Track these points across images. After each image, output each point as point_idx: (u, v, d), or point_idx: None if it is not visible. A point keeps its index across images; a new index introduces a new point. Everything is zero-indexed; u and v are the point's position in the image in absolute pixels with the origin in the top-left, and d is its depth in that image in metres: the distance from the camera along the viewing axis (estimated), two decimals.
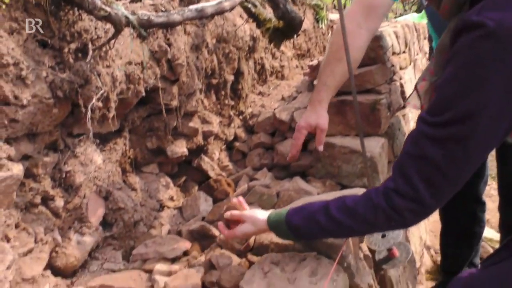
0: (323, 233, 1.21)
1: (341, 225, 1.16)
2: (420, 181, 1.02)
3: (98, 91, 1.28)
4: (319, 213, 1.20)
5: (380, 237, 1.57)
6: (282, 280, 1.29)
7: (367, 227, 1.14)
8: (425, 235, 3.23)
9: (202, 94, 2.20)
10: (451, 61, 0.95)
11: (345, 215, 1.15)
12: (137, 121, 1.85)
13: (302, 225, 1.23)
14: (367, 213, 1.10)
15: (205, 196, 2.10)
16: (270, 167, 2.44)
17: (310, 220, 1.22)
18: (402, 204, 1.04)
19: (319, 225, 1.19)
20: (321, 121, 1.56)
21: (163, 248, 1.62)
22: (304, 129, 1.57)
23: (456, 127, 0.94)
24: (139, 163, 1.97)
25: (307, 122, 1.58)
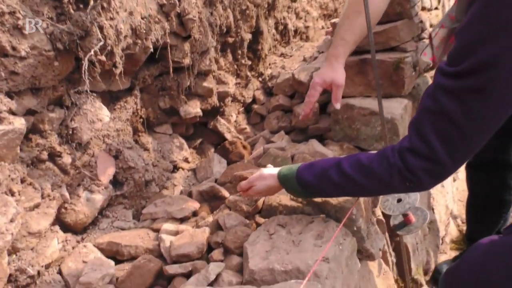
0: (334, 190, 1.15)
1: (353, 183, 1.09)
2: (436, 138, 0.93)
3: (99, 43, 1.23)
4: (331, 169, 1.13)
5: (395, 202, 1.49)
6: (287, 242, 1.24)
7: (380, 187, 1.07)
8: (452, 204, 3.11)
9: (218, 53, 2.12)
10: (474, 4, 0.84)
11: (358, 172, 1.08)
12: (149, 79, 1.81)
13: (313, 180, 1.17)
14: (382, 172, 1.03)
15: (219, 158, 2.06)
16: (288, 130, 2.37)
17: (322, 176, 1.16)
18: (416, 164, 0.96)
19: (331, 182, 1.13)
20: (337, 77, 1.46)
21: (171, 208, 1.61)
22: (318, 86, 1.48)
23: (475, 78, 0.84)
24: (152, 123, 1.94)
25: (322, 79, 1.48)
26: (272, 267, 1.14)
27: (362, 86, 2.04)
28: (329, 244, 1.11)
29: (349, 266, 1.23)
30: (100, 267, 1.34)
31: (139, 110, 1.82)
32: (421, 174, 0.98)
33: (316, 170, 1.19)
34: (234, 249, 1.33)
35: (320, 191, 1.19)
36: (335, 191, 1.16)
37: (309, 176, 1.19)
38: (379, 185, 1.06)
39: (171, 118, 2.00)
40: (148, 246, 1.45)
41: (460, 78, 0.87)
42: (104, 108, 1.54)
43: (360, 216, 1.34)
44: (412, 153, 0.97)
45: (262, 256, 1.21)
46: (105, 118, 1.54)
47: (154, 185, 1.83)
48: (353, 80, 2.06)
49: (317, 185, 1.17)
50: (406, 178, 1.01)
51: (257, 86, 2.60)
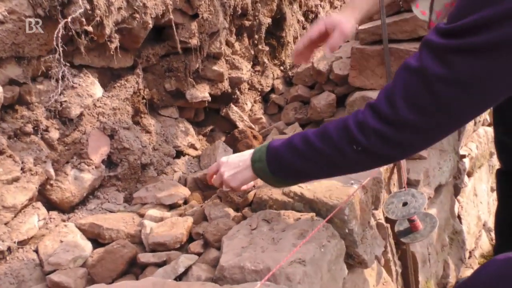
0: (301, 162, 1.01)
1: (315, 151, 0.96)
2: (403, 101, 0.81)
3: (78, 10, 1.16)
4: (296, 137, 1.01)
5: (400, 205, 1.34)
6: (266, 239, 1.13)
7: (334, 153, 0.93)
8: (486, 215, 2.85)
9: (232, 37, 2.02)
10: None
11: (318, 136, 0.96)
12: (153, 59, 1.74)
13: (280, 151, 1.04)
14: (334, 132, 0.90)
15: (225, 146, 1.96)
16: (304, 122, 2.24)
17: (288, 145, 1.03)
18: (371, 123, 0.84)
19: (296, 151, 1.00)
20: (345, 24, 1.25)
21: (161, 193, 1.53)
22: (321, 25, 1.27)
23: (473, 37, 0.70)
24: (156, 105, 1.87)
25: (330, 19, 1.27)
26: (242, 265, 1.03)
27: (383, 78, 1.87)
28: (301, 243, 0.98)
29: (332, 272, 1.09)
30: (74, 249, 1.29)
31: (142, 90, 1.75)
32: (373, 138, 0.85)
33: (284, 140, 1.06)
34: (213, 242, 1.23)
35: (288, 166, 1.04)
36: (302, 164, 1.01)
37: (277, 146, 1.06)
38: (332, 150, 0.93)
39: (177, 101, 1.92)
40: (130, 231, 1.38)
41: (455, 36, 0.73)
42: (96, 84, 1.48)
43: (353, 217, 1.20)
44: (372, 110, 0.85)
45: (237, 252, 1.10)
46: (97, 93, 1.48)
47: (152, 169, 1.77)
48: (374, 71, 1.90)
49: (285, 157, 1.03)
50: (354, 139, 0.88)
51: (278, 74, 2.48)
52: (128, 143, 1.61)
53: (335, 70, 2.03)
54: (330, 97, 2.03)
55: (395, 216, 1.31)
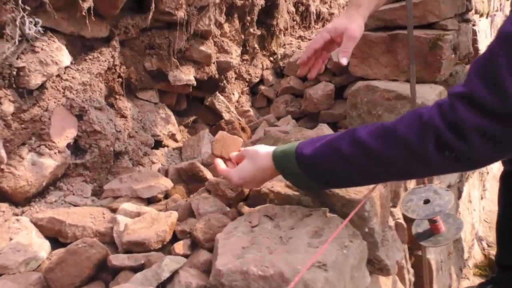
0: (344, 168, 0.82)
1: (369, 154, 0.76)
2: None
3: None
4: (342, 139, 0.81)
5: (421, 203, 1.15)
6: (272, 237, 0.91)
7: (407, 159, 0.72)
8: (478, 224, 2.73)
9: (222, 16, 1.81)
10: None
11: (377, 138, 0.75)
12: (133, 31, 1.50)
13: (317, 155, 0.84)
14: (409, 134, 0.69)
15: (211, 137, 1.74)
16: (297, 116, 2.05)
17: (328, 147, 0.83)
18: (470, 118, 0.62)
19: (339, 155, 0.80)
20: (352, 27, 1.13)
21: (138, 185, 1.29)
22: (327, 33, 1.14)
23: None
24: (134, 86, 1.63)
25: (334, 25, 1.15)
26: (246, 269, 0.81)
27: (388, 67, 1.71)
28: (327, 244, 0.77)
29: (355, 280, 0.88)
30: (27, 248, 1.03)
31: (118, 67, 1.51)
32: (475, 136, 0.64)
33: (322, 142, 0.86)
34: (203, 241, 1.00)
35: (326, 171, 0.85)
36: (345, 171, 0.82)
37: (311, 150, 0.86)
38: (405, 155, 0.72)
39: (158, 84, 1.69)
40: (99, 229, 1.13)
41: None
42: (64, 50, 1.23)
43: (374, 214, 1.00)
44: (468, 101, 0.64)
45: (236, 253, 0.87)
46: (64, 61, 1.23)
47: (126, 158, 1.52)
48: (378, 60, 1.73)
49: (321, 162, 0.84)
50: (446, 142, 0.67)
51: (267, 65, 2.28)
52: (99, 126, 1.37)
53: (334, 59, 1.85)
54: (328, 87, 1.84)
55: (416, 215, 1.12)
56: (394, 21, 1.69)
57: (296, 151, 0.88)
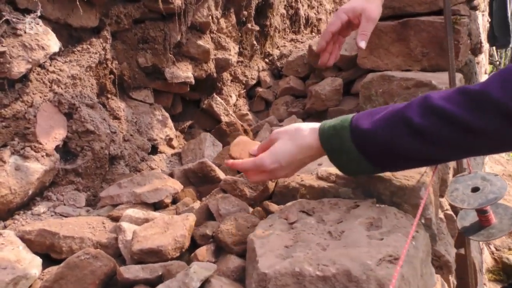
0: (416, 141, 0.66)
1: (452, 123, 0.62)
2: None
3: None
4: (409, 107, 0.67)
5: (468, 191, 1.02)
6: (319, 233, 0.76)
7: (503, 127, 0.59)
8: None
9: (218, 11, 1.68)
10: None
11: (459, 104, 0.62)
12: (125, 21, 1.35)
13: (379, 128, 0.69)
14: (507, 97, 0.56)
15: (213, 139, 1.58)
16: (302, 116, 1.91)
17: (393, 118, 0.69)
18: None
19: (409, 126, 0.66)
20: (371, 7, 1.05)
21: (142, 189, 1.12)
22: (344, 13, 1.05)
23: None
24: (127, 85, 1.46)
25: (351, 5, 1.05)
26: (299, 270, 0.65)
27: (400, 57, 1.60)
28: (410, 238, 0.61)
29: (424, 278, 0.73)
30: (15, 265, 0.84)
31: (110, 62, 1.35)
32: None
33: (383, 113, 0.71)
34: (231, 245, 0.84)
35: (389, 148, 0.70)
36: (415, 146, 0.67)
37: (370, 123, 0.72)
38: (501, 122, 0.59)
39: (153, 82, 1.53)
40: (100, 240, 0.95)
41: None
42: (51, 34, 1.06)
43: (429, 202, 0.86)
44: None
45: (280, 253, 0.72)
46: (52, 47, 1.06)
47: (122, 164, 1.34)
48: (388, 49, 1.63)
49: (384, 137, 0.69)
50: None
51: (263, 66, 2.15)
52: (92, 125, 1.19)
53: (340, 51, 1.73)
54: (336, 82, 1.72)
55: (467, 205, 0.99)
56: (402, 9, 1.60)
57: (351, 125, 0.73)
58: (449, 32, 1.05)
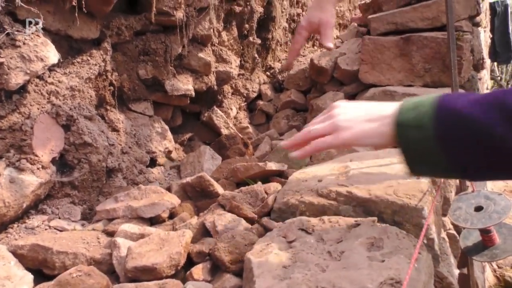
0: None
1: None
2: None
3: None
4: (510, 93, 0.50)
5: (472, 210, 1.00)
6: (318, 253, 0.74)
7: None
8: None
9: (220, 24, 1.68)
10: None
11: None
12: (126, 32, 1.34)
13: (472, 110, 0.51)
14: None
15: (212, 153, 1.56)
16: None
17: (491, 101, 0.51)
18: None
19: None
20: (325, 16, 1.08)
21: (138, 203, 1.10)
22: (304, 30, 1.10)
23: None
24: (127, 97, 1.45)
25: (308, 21, 1.10)
26: None
27: (402, 72, 1.59)
28: (414, 259, 0.59)
29: None
30: (5, 283, 0.82)
31: (110, 73, 1.34)
32: None
33: (476, 96, 0.53)
34: (228, 263, 0.82)
35: (478, 138, 0.52)
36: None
37: (461, 104, 0.53)
38: None
39: (153, 94, 1.52)
40: (94, 255, 0.93)
41: None
42: (50, 45, 1.05)
43: (432, 222, 0.84)
44: None
45: (278, 273, 0.69)
46: (51, 58, 1.05)
47: (120, 177, 1.33)
48: (390, 65, 1.62)
49: (479, 122, 0.51)
50: None
51: (264, 79, 2.15)
52: (90, 137, 1.18)
53: (342, 66, 1.73)
54: (338, 96, 1.71)
55: (470, 225, 0.96)
56: (405, 24, 1.60)
57: (438, 101, 0.55)
58: (452, 48, 1.03)
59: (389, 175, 0.98)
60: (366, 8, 1.87)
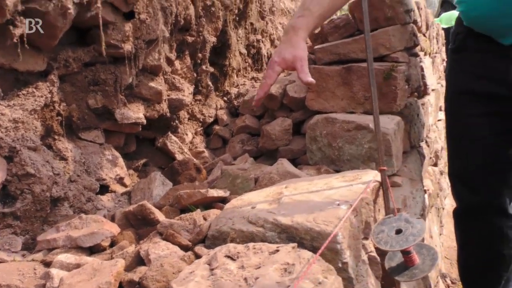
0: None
1: None
2: None
3: None
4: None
5: (393, 233, 1.07)
6: (236, 279, 0.78)
7: None
8: (440, 260, 2.69)
9: (173, 53, 1.74)
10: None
11: None
12: (74, 65, 1.38)
13: None
14: None
15: (163, 179, 1.60)
16: (255, 155, 1.96)
17: None
18: None
19: None
20: (299, 53, 1.16)
21: (79, 232, 1.12)
22: (277, 65, 1.15)
23: None
24: (76, 126, 1.49)
25: (281, 57, 1.17)
26: None
27: (345, 100, 1.68)
28: (299, 281, 0.65)
29: None
30: None
31: (57, 104, 1.37)
32: None
33: None
34: None
35: None
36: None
37: None
38: None
39: (103, 123, 1.55)
40: (28, 287, 0.95)
41: None
42: None
43: (347, 246, 0.90)
44: None
45: None
46: None
47: (66, 205, 1.35)
48: (334, 93, 1.71)
49: None
50: None
51: (221, 105, 2.21)
52: (33, 168, 1.20)
53: (290, 93, 1.81)
54: (286, 122, 1.79)
55: (389, 247, 1.03)
56: (347, 55, 1.70)
57: None
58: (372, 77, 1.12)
59: (315, 202, 1.04)
60: (315, 38, 1.96)
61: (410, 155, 1.79)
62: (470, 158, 1.53)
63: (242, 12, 2.17)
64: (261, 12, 2.45)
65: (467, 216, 1.65)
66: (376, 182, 1.15)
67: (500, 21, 1.30)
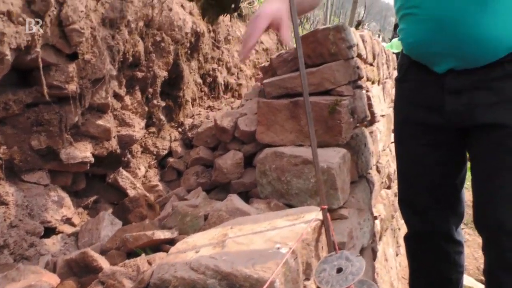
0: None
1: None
2: None
3: None
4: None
5: (334, 272, 1.10)
6: None
7: None
8: (396, 282, 2.75)
9: (122, 89, 1.73)
10: None
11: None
12: (15, 107, 1.36)
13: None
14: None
15: (112, 218, 1.57)
16: (209, 188, 1.96)
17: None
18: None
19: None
20: (286, 8, 1.12)
21: (15, 285, 1.08)
22: (266, 19, 1.11)
23: None
24: (18, 168, 1.44)
25: (273, 9, 1.10)
26: None
27: (293, 133, 1.72)
28: None
29: None
30: None
31: None
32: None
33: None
34: None
35: None
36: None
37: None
38: None
39: (48, 164, 1.52)
40: None
41: None
42: None
43: None
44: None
45: None
46: None
47: (6, 253, 1.30)
48: (283, 126, 1.74)
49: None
50: None
51: (175, 136, 2.21)
52: None
53: (241, 127, 1.84)
54: (237, 156, 1.81)
55: (330, 287, 1.06)
56: (294, 89, 1.74)
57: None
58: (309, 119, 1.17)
59: (258, 245, 1.05)
60: (265, 71, 2.01)
61: (359, 184, 1.84)
62: (416, 186, 1.60)
63: (194, 46, 2.19)
64: (214, 43, 2.48)
65: (416, 242, 1.71)
66: (318, 221, 1.18)
67: (431, 48, 1.34)
